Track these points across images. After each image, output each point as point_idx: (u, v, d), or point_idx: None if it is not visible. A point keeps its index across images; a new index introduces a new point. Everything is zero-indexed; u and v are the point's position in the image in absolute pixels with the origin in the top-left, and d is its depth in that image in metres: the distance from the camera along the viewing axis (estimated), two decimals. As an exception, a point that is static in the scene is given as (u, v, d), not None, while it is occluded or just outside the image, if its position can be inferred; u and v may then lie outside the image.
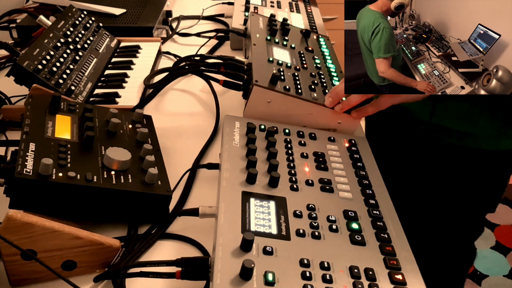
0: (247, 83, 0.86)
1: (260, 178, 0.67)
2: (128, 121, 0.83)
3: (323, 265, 0.55)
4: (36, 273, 0.61)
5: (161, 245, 0.68)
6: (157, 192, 0.68)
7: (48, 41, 0.99)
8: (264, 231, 0.59)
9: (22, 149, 0.66)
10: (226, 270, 0.52)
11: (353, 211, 0.64)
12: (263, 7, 1.30)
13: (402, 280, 0.55)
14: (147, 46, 1.20)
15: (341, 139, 0.80)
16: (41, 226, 0.58)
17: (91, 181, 0.65)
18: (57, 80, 0.92)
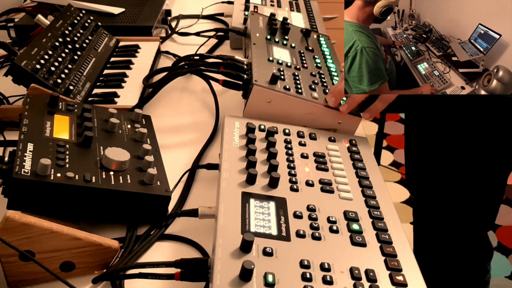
0: (247, 83, 0.86)
1: (260, 178, 0.67)
2: (127, 121, 0.83)
3: (324, 266, 0.55)
4: (34, 274, 0.61)
5: (160, 246, 0.68)
6: (156, 193, 0.68)
7: (46, 41, 0.98)
8: (264, 232, 0.58)
9: (20, 149, 0.66)
10: (226, 271, 0.52)
11: (353, 212, 0.64)
12: (263, 6, 1.30)
13: (403, 281, 0.55)
14: (146, 45, 1.19)
15: (341, 139, 0.80)
16: (39, 227, 0.58)
17: (89, 182, 0.65)
18: (55, 80, 0.92)
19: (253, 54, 0.91)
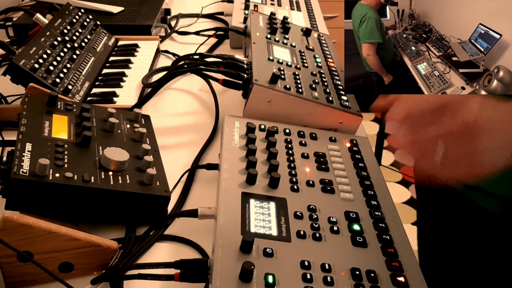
0: (247, 82, 0.86)
1: (260, 178, 0.66)
2: (126, 121, 0.83)
3: (324, 267, 0.55)
4: (33, 275, 0.60)
5: (159, 247, 0.68)
6: (156, 193, 0.68)
7: (45, 40, 0.98)
8: (264, 232, 0.58)
9: (19, 149, 0.65)
10: (226, 272, 0.52)
11: (354, 212, 0.63)
12: (263, 5, 1.29)
13: (404, 282, 0.54)
14: (145, 44, 1.19)
15: (342, 139, 0.79)
16: (37, 228, 0.58)
17: (88, 182, 0.64)
18: (54, 79, 0.91)
19: (253, 53, 0.91)
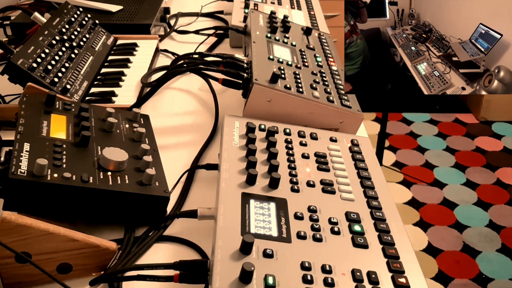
0: (247, 82, 0.85)
1: (260, 179, 0.66)
2: (125, 121, 0.82)
3: (325, 268, 0.54)
4: (31, 276, 0.60)
5: (158, 248, 0.68)
6: (155, 193, 0.67)
7: (43, 39, 0.97)
8: (264, 233, 0.58)
9: (17, 149, 0.65)
10: (226, 273, 0.52)
11: (355, 213, 0.63)
12: (263, 4, 1.29)
13: (405, 283, 0.54)
14: (145, 43, 1.19)
15: (343, 139, 0.79)
16: (36, 228, 0.57)
17: (87, 182, 0.64)
18: (52, 79, 0.91)
19: (253, 53, 0.90)
